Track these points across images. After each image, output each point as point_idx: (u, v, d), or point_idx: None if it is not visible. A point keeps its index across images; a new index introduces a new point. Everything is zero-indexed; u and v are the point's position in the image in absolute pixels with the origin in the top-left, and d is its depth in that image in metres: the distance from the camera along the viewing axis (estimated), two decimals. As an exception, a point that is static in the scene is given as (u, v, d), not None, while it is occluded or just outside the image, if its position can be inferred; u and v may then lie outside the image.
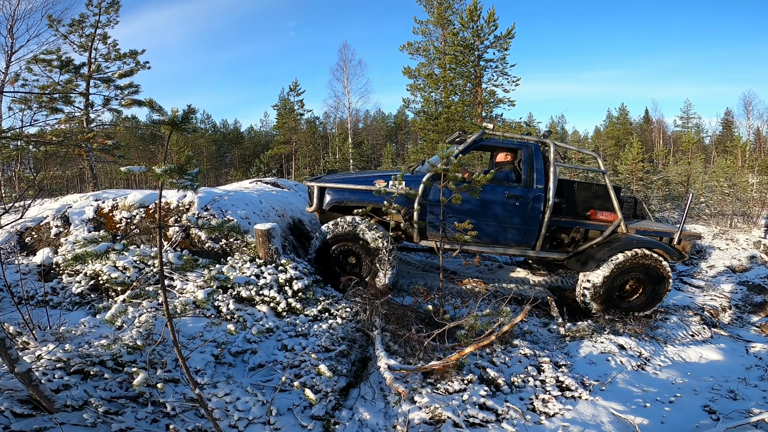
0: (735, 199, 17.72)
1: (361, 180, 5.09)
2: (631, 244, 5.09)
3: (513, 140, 5.24)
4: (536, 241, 5.14)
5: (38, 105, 8.35)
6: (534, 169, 5.08)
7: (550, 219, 5.05)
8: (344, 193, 5.06)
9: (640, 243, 5.12)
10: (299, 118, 37.22)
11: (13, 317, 3.52)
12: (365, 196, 5.01)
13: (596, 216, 5.33)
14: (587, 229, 5.40)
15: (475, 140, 5.13)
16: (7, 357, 2.22)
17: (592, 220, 5.34)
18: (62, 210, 5.42)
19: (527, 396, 3.33)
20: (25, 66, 10.34)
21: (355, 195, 5.03)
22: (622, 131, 40.28)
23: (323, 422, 2.83)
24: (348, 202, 5.04)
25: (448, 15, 21.11)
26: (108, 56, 11.09)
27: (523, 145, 5.18)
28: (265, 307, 4.20)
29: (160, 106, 1.91)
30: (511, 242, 5.17)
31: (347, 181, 5.14)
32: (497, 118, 20.80)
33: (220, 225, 2.34)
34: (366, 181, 5.06)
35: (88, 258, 2.26)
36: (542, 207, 5.05)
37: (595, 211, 5.33)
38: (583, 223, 5.35)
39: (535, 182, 5.06)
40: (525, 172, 5.09)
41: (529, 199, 5.05)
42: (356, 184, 5.06)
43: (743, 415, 3.11)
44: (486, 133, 5.14)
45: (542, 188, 5.06)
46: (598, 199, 5.36)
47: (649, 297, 5.21)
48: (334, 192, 5.08)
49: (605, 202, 5.32)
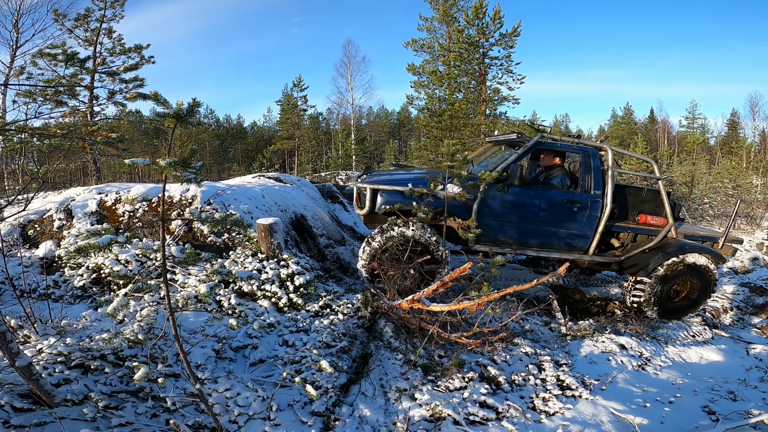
0: (739, 200, 17.62)
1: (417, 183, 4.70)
2: (684, 249, 5.14)
3: (571, 144, 5.20)
4: (590, 246, 5.15)
5: (43, 98, 8.36)
6: (592, 174, 5.06)
7: (605, 224, 5.06)
8: (396, 196, 4.78)
9: (692, 248, 5.18)
10: (302, 113, 37.20)
11: (14, 310, 3.53)
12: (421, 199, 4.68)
13: (646, 220, 5.34)
14: (636, 233, 5.41)
15: (534, 144, 5.07)
16: (7, 351, 2.23)
17: (642, 224, 5.36)
18: (65, 203, 5.43)
19: (528, 394, 3.33)
20: (30, 60, 10.34)
21: (410, 199, 4.68)
22: (627, 131, 40.12)
23: (323, 418, 2.83)
24: (404, 206, 4.72)
25: (454, 12, 21.01)
26: (113, 50, 11.07)
27: (581, 149, 5.14)
28: (267, 302, 4.21)
29: (165, 99, 1.90)
30: (565, 246, 5.18)
31: (399, 182, 4.81)
32: (501, 116, 20.72)
33: (222, 219, 2.34)
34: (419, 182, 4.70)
35: (91, 250, 2.26)
36: (599, 213, 5.04)
37: (645, 215, 5.34)
38: (635, 228, 5.37)
39: (593, 188, 5.05)
40: (582, 178, 5.07)
41: (587, 205, 5.03)
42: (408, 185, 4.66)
43: (742, 416, 3.11)
44: (544, 137, 5.10)
45: (600, 194, 5.05)
46: (648, 203, 5.39)
47: (695, 300, 5.29)
48: (387, 194, 4.82)
49: (655, 206, 5.37)
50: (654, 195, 5.39)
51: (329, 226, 7.41)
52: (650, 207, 5.38)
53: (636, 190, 5.51)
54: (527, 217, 4.99)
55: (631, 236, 5.45)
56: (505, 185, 4.88)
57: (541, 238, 5.09)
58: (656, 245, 5.26)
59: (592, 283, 7.07)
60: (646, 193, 5.43)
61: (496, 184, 4.88)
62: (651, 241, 5.28)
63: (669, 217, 5.29)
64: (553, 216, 5.01)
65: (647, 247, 5.26)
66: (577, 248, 5.20)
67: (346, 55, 29.99)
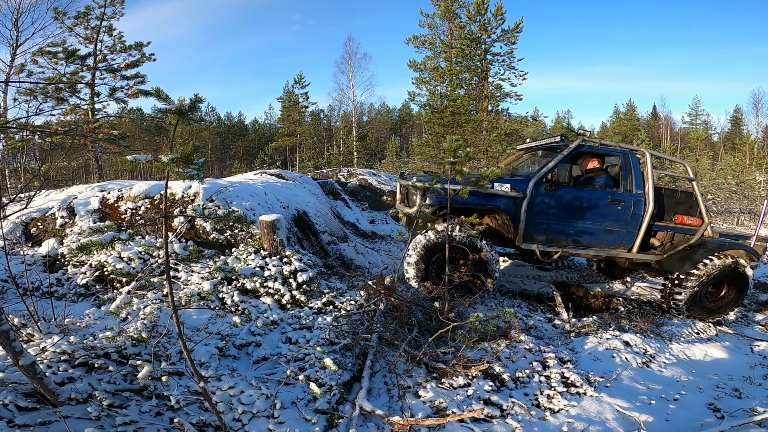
0: (742, 196, 17.56)
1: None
2: (724, 246, 5.31)
3: (612, 147, 5.42)
4: (634, 243, 5.29)
5: (44, 96, 8.34)
6: (633, 175, 5.24)
7: (649, 223, 5.22)
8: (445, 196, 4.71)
9: (732, 245, 5.34)
10: (303, 110, 37.15)
11: (18, 309, 3.53)
12: (471, 198, 4.80)
13: (683, 221, 5.51)
14: (675, 232, 5.55)
15: (578, 146, 5.21)
16: (11, 350, 2.22)
17: (679, 224, 5.52)
18: (67, 201, 5.43)
19: (532, 391, 3.32)
20: (31, 58, 10.32)
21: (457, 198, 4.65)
22: (629, 127, 39.98)
23: (327, 416, 2.82)
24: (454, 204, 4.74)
25: (455, 8, 20.89)
26: (113, 48, 11.05)
27: (621, 152, 5.33)
28: (270, 299, 4.20)
29: (167, 95, 1.89)
30: (610, 244, 5.31)
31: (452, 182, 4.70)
32: (503, 112, 20.64)
33: (225, 215, 2.33)
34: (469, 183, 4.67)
35: (93, 248, 2.24)
36: (642, 211, 5.20)
37: (681, 216, 5.51)
38: (673, 227, 5.51)
39: (635, 187, 5.22)
40: (624, 178, 5.24)
41: (631, 204, 5.19)
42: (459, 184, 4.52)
43: (747, 414, 3.10)
44: (585, 140, 5.29)
45: (642, 193, 5.22)
46: (682, 204, 5.57)
47: (734, 298, 5.38)
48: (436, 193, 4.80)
49: (689, 207, 5.56)
50: (687, 196, 5.60)
51: (331, 222, 7.40)
52: (684, 208, 5.57)
53: (671, 191, 5.67)
54: (574, 215, 5.13)
55: (669, 236, 5.59)
56: (552, 185, 5.01)
57: (588, 236, 5.23)
58: (696, 243, 5.41)
59: (594, 279, 7.06)
60: (680, 194, 5.61)
61: (542, 184, 5.03)
62: (689, 240, 5.44)
63: (704, 217, 5.48)
64: (599, 214, 5.16)
65: (688, 244, 5.41)
66: (622, 246, 5.33)
67: (347, 52, 29.89)
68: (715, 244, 5.33)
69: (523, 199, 4.91)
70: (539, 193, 5.02)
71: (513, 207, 4.98)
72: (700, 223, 5.50)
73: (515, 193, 4.91)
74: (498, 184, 4.91)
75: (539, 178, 4.99)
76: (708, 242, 5.41)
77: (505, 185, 4.93)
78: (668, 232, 5.56)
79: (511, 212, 4.99)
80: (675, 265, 5.41)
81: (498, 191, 4.89)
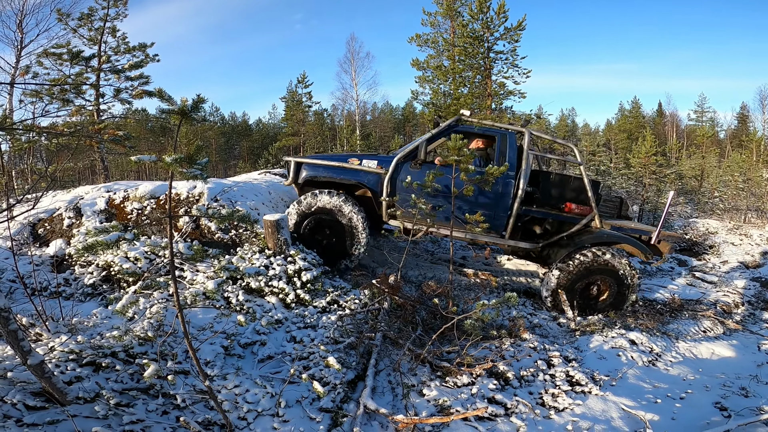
0: (749, 194, 17.41)
1: (336, 157, 5.32)
2: (601, 237, 5.03)
3: (488, 128, 5.30)
4: (505, 228, 5.08)
5: (49, 97, 8.41)
6: (507, 155, 5.03)
7: (520, 207, 4.98)
8: (318, 169, 5.24)
9: (611, 237, 5.04)
10: (307, 110, 37.15)
11: (26, 308, 3.56)
12: (337, 172, 5.18)
13: (571, 209, 5.18)
14: (561, 221, 5.25)
15: (447, 127, 5.21)
16: (19, 349, 2.25)
17: (567, 212, 5.19)
18: (74, 201, 5.47)
19: (537, 390, 3.32)
20: (36, 60, 10.40)
21: (327, 171, 5.21)
22: (635, 124, 39.70)
23: (332, 414, 2.83)
24: (320, 177, 5.22)
25: (457, 6, 20.81)
26: (117, 49, 11.10)
27: (496, 132, 5.17)
28: (274, 298, 4.22)
29: (170, 95, 1.90)
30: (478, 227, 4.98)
31: (323, 158, 5.36)
32: (507, 110, 20.56)
33: (229, 215, 2.34)
34: (341, 158, 5.27)
35: (100, 248, 2.27)
36: (512, 194, 4.97)
37: (571, 204, 5.18)
38: (556, 215, 5.20)
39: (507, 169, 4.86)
40: (497, 159, 5.06)
41: (498, 185, 4.95)
42: (331, 161, 5.26)
43: (754, 413, 3.08)
44: (461, 120, 5.27)
45: (513, 175, 4.98)
46: (575, 192, 5.22)
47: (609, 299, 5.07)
48: (309, 168, 5.27)
49: (583, 195, 5.15)
50: (581, 183, 5.15)
51: (335, 222, 7.40)
52: (576, 195, 5.20)
53: (563, 177, 5.33)
54: (438, 194, 4.91)
55: (556, 225, 5.33)
56: (416, 162, 5.04)
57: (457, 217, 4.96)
58: (575, 233, 5.11)
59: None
60: (574, 181, 5.24)
61: (408, 161, 5.09)
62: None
63: (593, 206, 5.03)
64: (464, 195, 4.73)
65: (567, 234, 5.14)
66: (493, 230, 5.09)
67: (349, 51, 29.84)
68: (591, 236, 5.02)
69: (385, 175, 5.03)
70: (405, 170, 5.06)
71: (377, 183, 5.11)
72: (588, 212, 5.11)
73: (380, 169, 5.05)
74: (366, 161, 5.13)
75: (403, 154, 5.08)
76: (587, 233, 5.09)
77: (372, 162, 5.12)
78: (552, 220, 5.26)
79: (376, 188, 5.13)
80: (550, 256, 5.25)
81: (364, 167, 5.09)
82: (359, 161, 5.14)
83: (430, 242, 7.95)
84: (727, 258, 8.60)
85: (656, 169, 16.74)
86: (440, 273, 5.79)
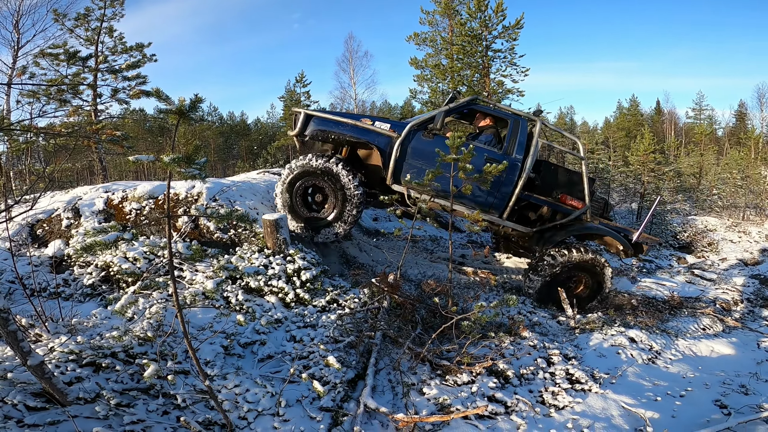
0: (748, 191, 17.44)
1: (349, 115, 5.23)
2: (590, 229, 5.28)
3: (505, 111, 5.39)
4: (504, 209, 5.18)
5: (46, 97, 8.39)
6: (517, 139, 5.12)
7: (521, 191, 5.11)
8: (328, 124, 5.12)
9: (599, 230, 5.32)
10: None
11: (25, 309, 3.56)
12: (348, 129, 5.09)
13: (566, 201, 5.36)
14: (555, 210, 5.43)
15: (467, 102, 5.25)
16: (19, 350, 2.24)
17: (562, 203, 5.38)
18: (72, 202, 5.46)
19: (537, 388, 3.31)
20: (33, 60, 10.37)
21: (338, 127, 5.09)
22: (633, 122, 39.73)
23: (332, 413, 2.83)
24: (331, 133, 5.08)
25: (455, 5, 20.77)
26: (114, 49, 11.08)
27: (513, 116, 5.26)
28: (274, 297, 4.21)
29: (167, 95, 1.90)
30: (480, 204, 5.20)
31: (335, 113, 5.26)
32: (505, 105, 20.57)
33: (228, 214, 2.34)
34: (353, 116, 5.21)
35: (98, 248, 2.26)
36: (516, 177, 5.08)
37: (566, 195, 5.37)
38: (552, 204, 5.37)
39: (515, 152, 5.10)
40: (507, 140, 5.14)
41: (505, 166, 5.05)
42: (343, 117, 5.16)
43: (754, 410, 3.08)
44: (478, 99, 5.33)
45: (520, 158, 5.09)
46: (572, 185, 5.42)
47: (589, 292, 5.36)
48: (319, 121, 5.14)
49: (579, 189, 5.38)
50: (579, 177, 5.40)
51: (335, 221, 7.39)
52: (574, 189, 5.41)
53: (565, 170, 5.56)
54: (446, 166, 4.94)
55: (549, 212, 5.48)
56: (430, 132, 5.03)
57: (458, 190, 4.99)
58: (566, 222, 5.33)
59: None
60: (573, 175, 5.48)
61: (421, 129, 5.08)
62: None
63: (586, 200, 5.28)
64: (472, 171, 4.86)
65: (559, 223, 5.34)
66: (492, 208, 5.22)
67: (348, 50, 29.70)
68: (581, 227, 5.25)
69: (397, 139, 5.00)
70: (417, 138, 5.06)
71: (387, 145, 5.07)
72: (582, 206, 5.32)
73: (392, 132, 5.03)
74: (379, 123, 5.10)
75: (418, 122, 5.08)
76: (580, 224, 5.32)
77: (385, 124, 5.10)
78: (548, 207, 5.42)
79: (385, 150, 5.08)
80: (537, 242, 5.40)
81: (377, 128, 5.05)
82: (372, 122, 5.11)
83: (430, 241, 7.95)
84: (726, 255, 8.62)
85: (654, 166, 16.77)
86: (440, 271, 5.80)
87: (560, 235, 5.24)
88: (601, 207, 5.99)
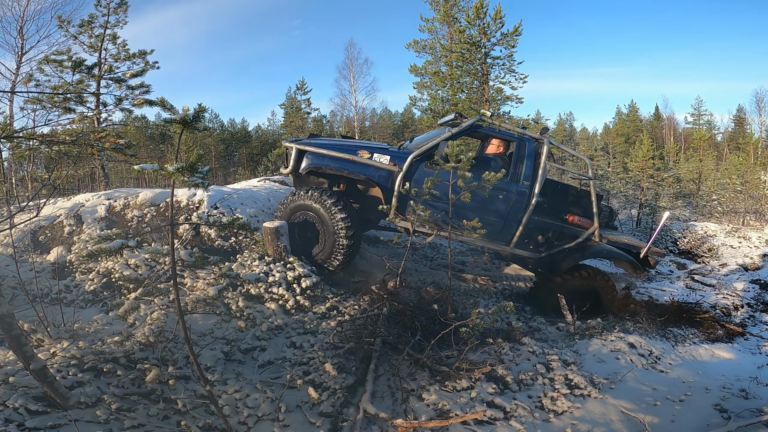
0: (747, 196, 17.47)
1: (345, 148, 4.80)
2: (601, 252, 5.02)
3: (510, 132, 5.03)
4: (513, 237, 4.94)
5: (51, 105, 8.46)
6: (524, 164, 4.84)
7: (530, 217, 4.87)
8: (323, 159, 4.78)
9: (610, 253, 5.05)
10: (306, 116, 37.25)
11: (28, 314, 3.58)
12: (344, 165, 4.74)
13: (573, 220, 5.15)
14: (562, 232, 5.17)
15: (469, 126, 4.90)
16: (22, 354, 2.27)
17: (569, 224, 5.16)
18: (75, 209, 5.50)
19: (536, 394, 3.32)
20: (37, 67, 10.47)
21: (333, 162, 4.74)
22: (632, 128, 39.82)
23: (332, 419, 2.85)
24: (326, 169, 4.78)
25: (455, 13, 20.97)
26: (118, 56, 11.18)
27: (518, 138, 4.95)
28: (274, 304, 4.23)
29: (172, 105, 1.94)
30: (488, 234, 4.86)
31: (329, 147, 4.84)
32: (505, 115, 20.67)
33: (229, 222, 2.37)
34: (349, 150, 4.77)
35: (103, 255, 2.29)
36: (525, 204, 4.83)
37: (573, 215, 5.15)
38: (560, 226, 5.15)
39: (523, 178, 4.83)
40: (514, 166, 4.85)
41: (512, 194, 4.81)
42: (339, 151, 4.75)
43: (754, 414, 3.08)
44: (483, 120, 4.91)
45: (529, 185, 4.82)
46: (579, 204, 5.19)
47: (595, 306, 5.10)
48: (313, 156, 4.82)
49: (586, 208, 5.13)
50: (587, 195, 5.13)
51: (335, 228, 7.42)
52: (580, 208, 5.21)
53: (570, 188, 5.37)
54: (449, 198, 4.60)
55: (557, 234, 5.18)
56: (432, 163, 4.63)
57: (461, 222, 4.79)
58: (575, 246, 5.04)
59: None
60: (580, 192, 5.24)
61: (424, 160, 4.74)
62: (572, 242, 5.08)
63: (595, 221, 5.04)
64: (477, 201, 4.57)
65: (568, 246, 5.04)
66: (500, 238, 4.97)
67: (348, 57, 29.91)
68: (593, 250, 4.97)
69: (398, 174, 4.67)
70: (420, 171, 4.71)
71: (388, 180, 4.73)
72: (590, 226, 5.07)
73: (392, 166, 4.68)
74: (378, 155, 4.71)
75: (420, 152, 4.71)
76: (588, 247, 5.03)
77: (385, 157, 4.72)
78: (555, 230, 5.15)
79: (386, 185, 4.74)
80: (547, 266, 5.13)
81: (375, 162, 4.70)
82: (370, 155, 4.73)
83: (429, 248, 7.96)
84: (726, 261, 8.62)
85: (654, 172, 16.80)
86: (439, 278, 5.81)
87: (568, 262, 4.95)
88: (606, 217, 5.80)
